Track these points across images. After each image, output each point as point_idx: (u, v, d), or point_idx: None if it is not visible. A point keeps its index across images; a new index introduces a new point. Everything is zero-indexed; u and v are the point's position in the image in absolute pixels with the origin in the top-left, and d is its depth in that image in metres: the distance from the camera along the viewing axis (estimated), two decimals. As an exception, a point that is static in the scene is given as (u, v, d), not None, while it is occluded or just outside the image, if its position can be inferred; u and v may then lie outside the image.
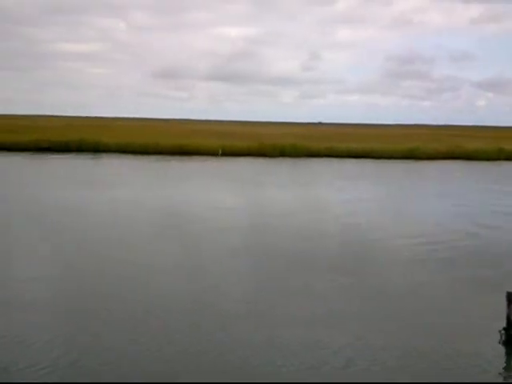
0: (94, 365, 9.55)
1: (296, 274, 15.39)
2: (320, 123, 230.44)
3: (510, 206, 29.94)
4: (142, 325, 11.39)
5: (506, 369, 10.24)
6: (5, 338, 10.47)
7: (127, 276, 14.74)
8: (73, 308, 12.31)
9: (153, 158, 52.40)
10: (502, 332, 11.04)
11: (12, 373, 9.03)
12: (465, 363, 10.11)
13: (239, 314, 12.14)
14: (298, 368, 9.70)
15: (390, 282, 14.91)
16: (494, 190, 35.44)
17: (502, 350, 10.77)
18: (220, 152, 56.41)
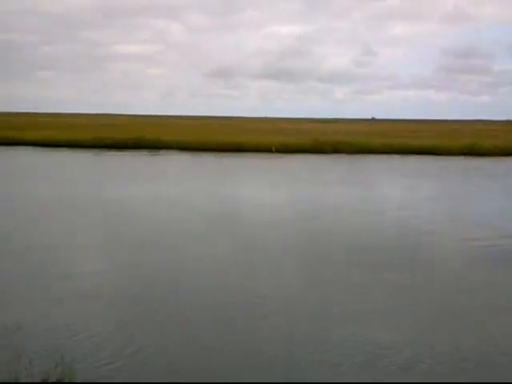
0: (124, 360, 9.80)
1: (350, 270, 15.36)
2: (373, 119, 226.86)
3: None
4: (188, 319, 11.71)
5: None
6: (69, 327, 11.07)
7: (171, 269, 15.17)
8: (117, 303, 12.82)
9: (209, 154, 53.46)
10: None
11: (76, 362, 9.24)
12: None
13: (286, 309, 12.17)
14: (348, 366, 9.61)
15: (450, 282, 14.63)
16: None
17: None
18: (274, 149, 56.89)
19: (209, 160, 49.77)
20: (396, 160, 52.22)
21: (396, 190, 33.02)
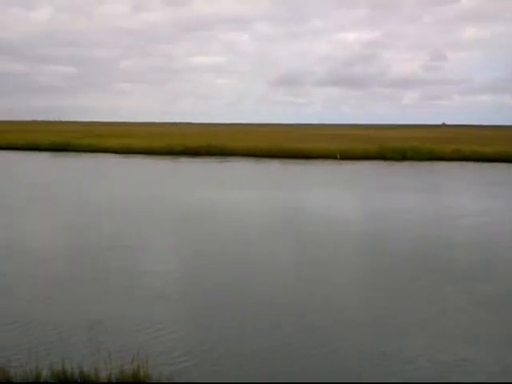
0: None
1: (423, 280, 14.95)
2: (444, 125, 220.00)
3: None
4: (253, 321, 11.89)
5: None
6: (145, 324, 11.52)
7: (236, 273, 15.43)
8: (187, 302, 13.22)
9: (275, 161, 53.86)
10: None
11: (150, 358, 9.59)
12: None
13: (353, 320, 11.98)
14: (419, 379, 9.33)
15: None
16: None
17: None
18: (339, 156, 56.47)
19: (277, 167, 50.04)
20: (469, 167, 50.31)
21: (468, 197, 31.76)
